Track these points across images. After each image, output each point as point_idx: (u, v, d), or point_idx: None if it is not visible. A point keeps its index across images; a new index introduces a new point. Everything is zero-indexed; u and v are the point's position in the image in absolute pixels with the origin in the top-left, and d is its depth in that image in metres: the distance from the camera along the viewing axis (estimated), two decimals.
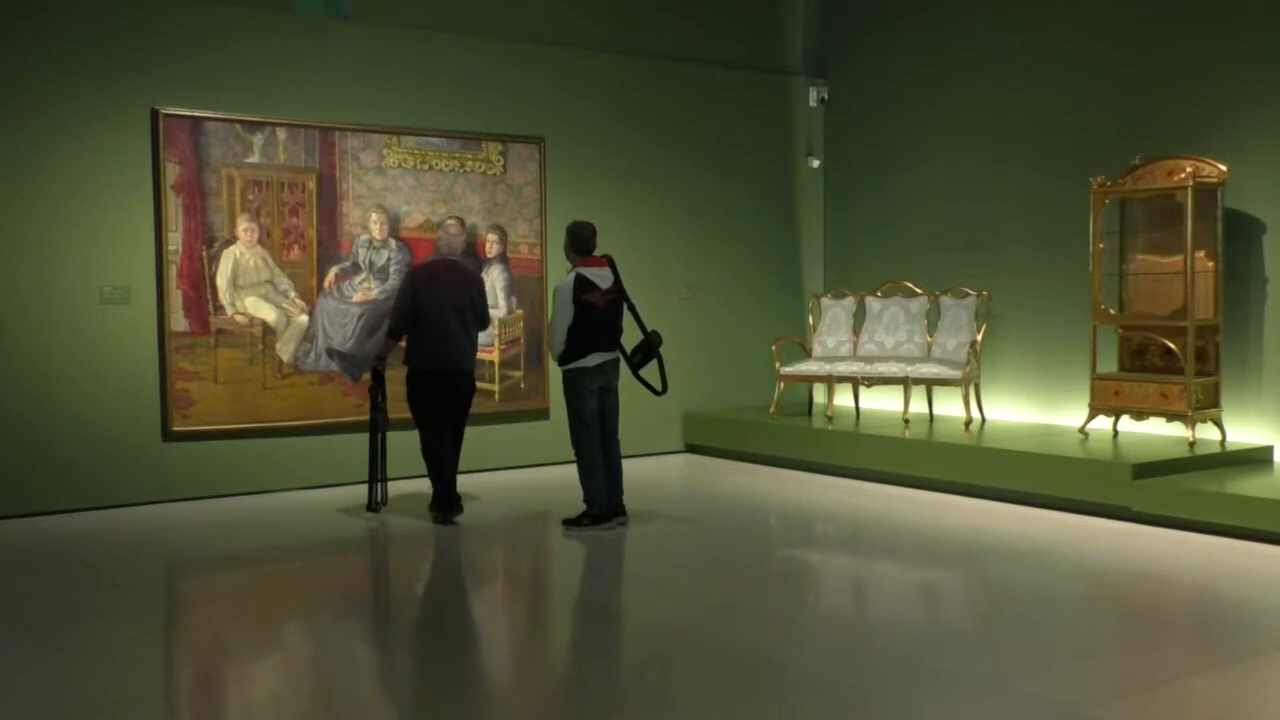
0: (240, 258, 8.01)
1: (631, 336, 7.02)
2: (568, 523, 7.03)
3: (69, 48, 7.50)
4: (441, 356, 7.12)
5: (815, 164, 10.71)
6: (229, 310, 7.97)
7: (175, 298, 7.78)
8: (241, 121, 7.98)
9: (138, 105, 7.68)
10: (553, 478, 8.61)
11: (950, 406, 9.23)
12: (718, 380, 10.17)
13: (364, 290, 8.43)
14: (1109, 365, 8.10)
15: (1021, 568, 6.12)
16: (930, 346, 9.24)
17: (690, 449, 10.02)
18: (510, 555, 6.87)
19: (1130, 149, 7.98)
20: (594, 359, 6.87)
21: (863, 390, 9.55)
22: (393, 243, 8.53)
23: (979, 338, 8.90)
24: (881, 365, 9.09)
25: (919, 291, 9.45)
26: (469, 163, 8.89)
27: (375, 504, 7.42)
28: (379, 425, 7.36)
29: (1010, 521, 7.15)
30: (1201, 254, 7.59)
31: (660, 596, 5.75)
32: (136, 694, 4.39)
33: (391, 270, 8.47)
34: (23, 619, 5.31)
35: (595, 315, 6.82)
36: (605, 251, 7.08)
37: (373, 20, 8.60)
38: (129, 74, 7.67)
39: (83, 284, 7.58)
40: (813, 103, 10.65)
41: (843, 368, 9.22)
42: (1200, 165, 7.58)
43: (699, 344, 9.98)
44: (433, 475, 7.25)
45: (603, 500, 6.97)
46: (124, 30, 7.68)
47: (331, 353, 8.36)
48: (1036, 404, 9.01)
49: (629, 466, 7.52)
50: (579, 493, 7.02)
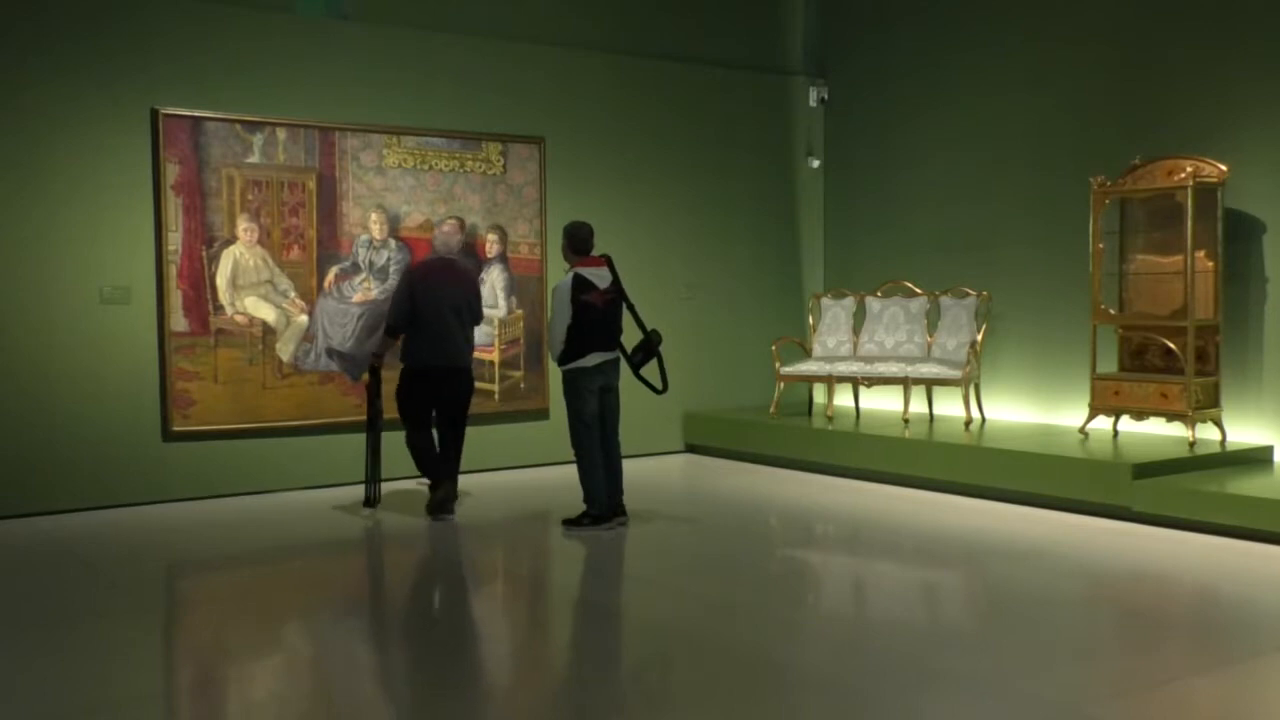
0: (240, 258, 8.01)
1: (631, 336, 7.02)
2: (568, 523, 7.03)
3: (69, 48, 7.50)
4: (438, 354, 7.21)
5: (815, 164, 10.70)
6: (229, 310, 7.97)
7: (175, 298, 7.79)
8: (241, 121, 7.98)
9: (138, 105, 7.68)
10: (553, 478, 8.61)
11: (950, 406, 9.23)
12: (718, 380, 10.17)
13: (364, 290, 8.43)
14: (1109, 365, 8.10)
15: (1021, 568, 6.12)
16: (930, 346, 9.24)
17: (690, 449, 10.03)
18: (510, 555, 6.87)
19: (1130, 149, 7.98)
20: (593, 359, 6.87)
21: (863, 390, 9.55)
22: (393, 243, 8.53)
23: (979, 338, 8.90)
24: (881, 365, 9.09)
25: (919, 291, 9.45)
26: (469, 163, 8.89)
27: (372, 501, 7.49)
28: (376, 424, 7.43)
29: (1010, 521, 7.15)
30: (1201, 254, 7.59)
31: (660, 596, 5.76)
32: (136, 694, 4.39)
33: (391, 270, 8.47)
34: (23, 619, 5.31)
35: (594, 315, 6.82)
36: (605, 251, 7.09)
37: (373, 20, 8.60)
38: (129, 74, 7.67)
39: (83, 284, 7.58)
40: (813, 103, 10.65)
41: (843, 368, 9.22)
42: (1200, 165, 7.58)
43: (699, 344, 9.98)
44: (424, 470, 7.37)
45: (603, 500, 6.97)
46: (124, 30, 7.68)
47: (331, 353, 8.36)
48: (1036, 404, 9.01)
49: (629, 467, 7.52)
50: (579, 493, 7.02)
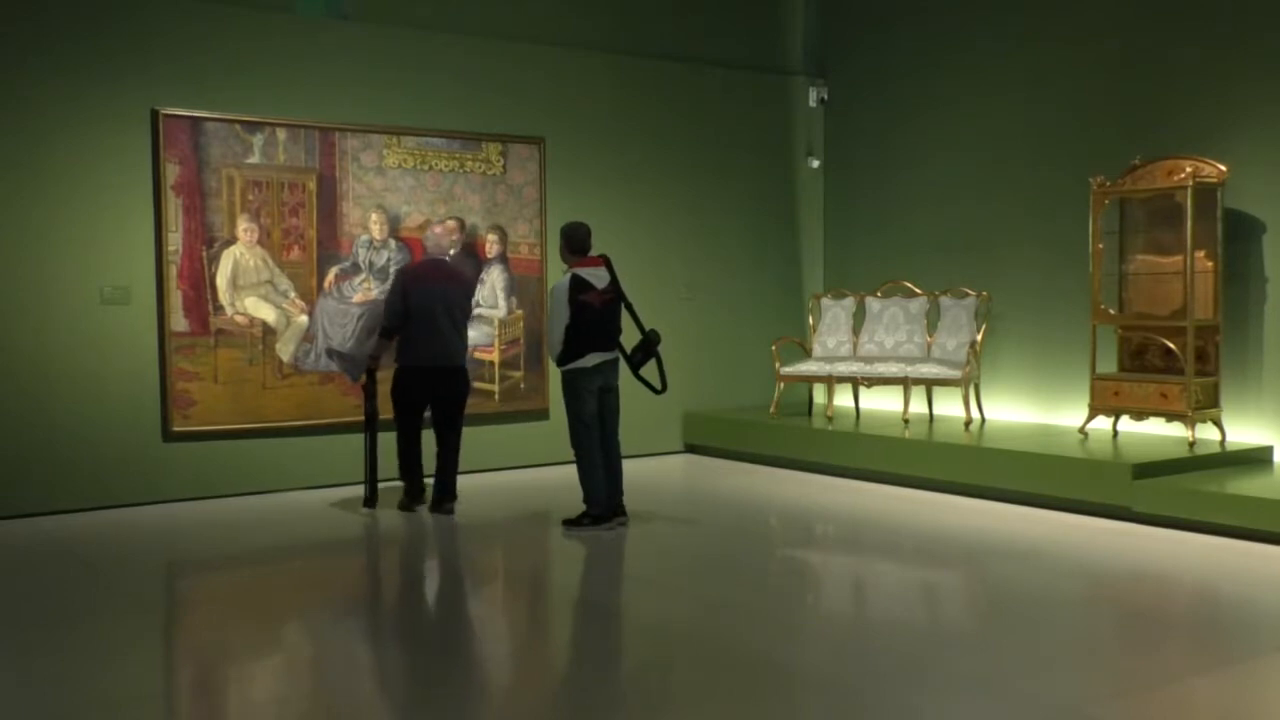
0: (240, 258, 8.01)
1: (630, 337, 7.01)
2: (568, 523, 7.03)
3: (69, 48, 7.50)
4: (433, 354, 7.32)
5: (815, 164, 10.70)
6: (229, 310, 7.97)
7: (175, 298, 7.79)
8: (241, 122, 7.98)
9: (138, 105, 7.68)
10: (553, 478, 8.61)
11: (950, 406, 9.23)
12: (718, 380, 10.17)
13: (364, 290, 8.43)
14: (1109, 365, 8.10)
15: (1021, 568, 6.12)
16: (930, 346, 9.24)
17: (690, 449, 10.03)
18: (510, 555, 6.87)
19: (1130, 149, 7.98)
20: (592, 359, 6.86)
21: (862, 390, 9.55)
22: (393, 243, 8.53)
23: (979, 338, 8.90)
24: (881, 365, 9.09)
25: (919, 292, 9.45)
26: (469, 163, 8.89)
27: (372, 501, 7.53)
28: (373, 424, 7.49)
29: (1010, 521, 7.15)
30: (1201, 254, 7.59)
31: (660, 596, 5.76)
32: (136, 694, 4.39)
33: (391, 271, 8.47)
34: (23, 619, 5.31)
35: (592, 316, 6.81)
36: (605, 252, 7.09)
37: (373, 20, 8.60)
38: (129, 74, 7.67)
39: (83, 284, 7.58)
40: (813, 103, 10.65)
41: (843, 368, 9.22)
42: (1200, 165, 7.58)
43: (699, 344, 9.98)
44: (403, 466, 7.58)
45: (603, 500, 6.97)
46: (124, 30, 7.68)
47: (331, 353, 8.35)
48: (1036, 404, 9.01)
49: (629, 467, 7.52)
50: (579, 493, 7.02)
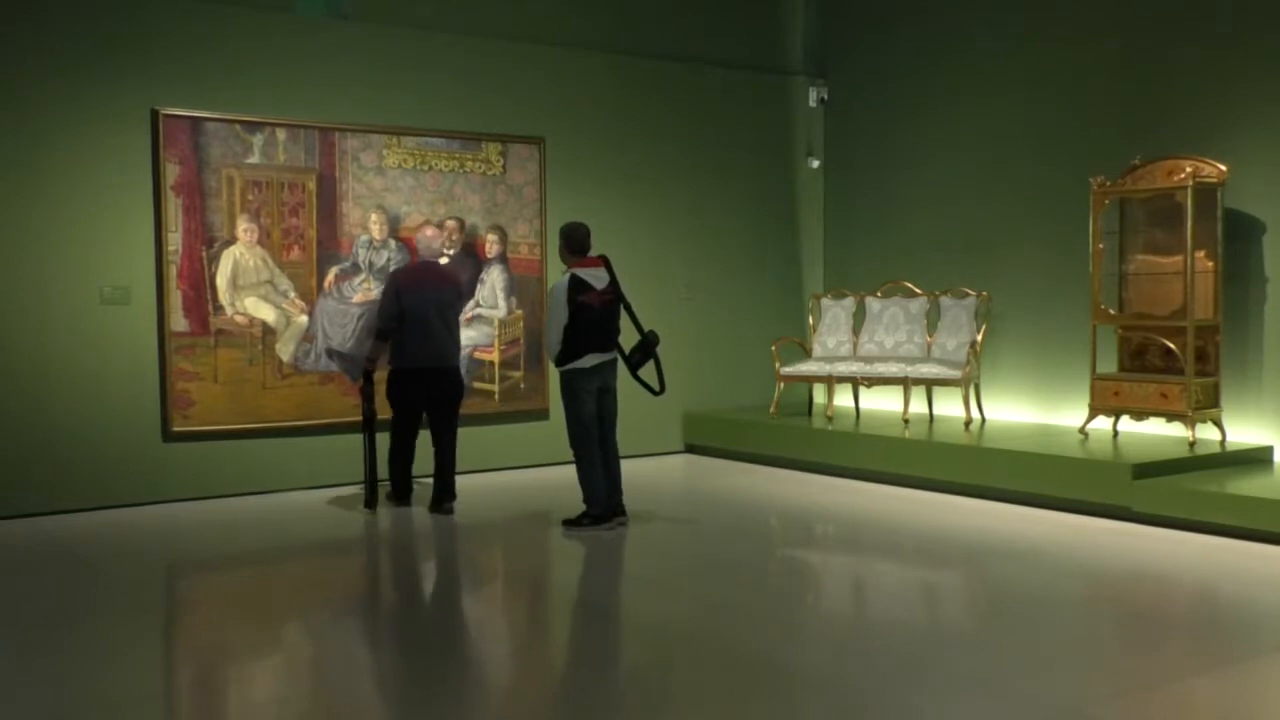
0: (240, 258, 8.01)
1: (630, 337, 7.01)
2: (567, 523, 7.03)
3: (69, 48, 7.50)
4: (427, 355, 7.38)
5: (815, 164, 10.70)
6: (229, 310, 7.97)
7: (175, 298, 7.78)
8: (241, 122, 7.98)
9: (138, 105, 7.68)
10: (552, 478, 8.61)
11: (950, 407, 9.23)
12: (718, 380, 10.17)
13: (364, 290, 8.42)
14: (1109, 365, 8.10)
15: (1021, 568, 6.12)
16: (930, 347, 9.24)
17: (690, 449, 10.02)
18: (510, 555, 6.87)
19: (1130, 149, 7.98)
20: (590, 360, 6.86)
21: (862, 390, 9.55)
22: (392, 243, 8.53)
23: (979, 338, 8.90)
24: (881, 365, 9.09)
25: (919, 292, 9.45)
26: (469, 163, 8.89)
27: (372, 502, 7.53)
28: (372, 425, 7.51)
29: (1010, 521, 7.15)
30: (1201, 254, 7.59)
31: (660, 597, 5.76)
32: (136, 694, 4.39)
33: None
34: (23, 619, 5.31)
35: (591, 316, 6.80)
36: (605, 252, 7.08)
37: (373, 20, 8.60)
38: (129, 74, 7.67)
39: (83, 284, 7.58)
40: (813, 103, 10.65)
41: (843, 368, 9.22)
42: (1200, 165, 7.58)
43: (699, 344, 9.98)
44: (394, 466, 7.66)
45: (602, 500, 6.97)
46: (124, 30, 7.68)
47: (331, 353, 8.36)
48: (1036, 404, 9.01)
49: (628, 466, 7.53)
50: (579, 493, 7.02)
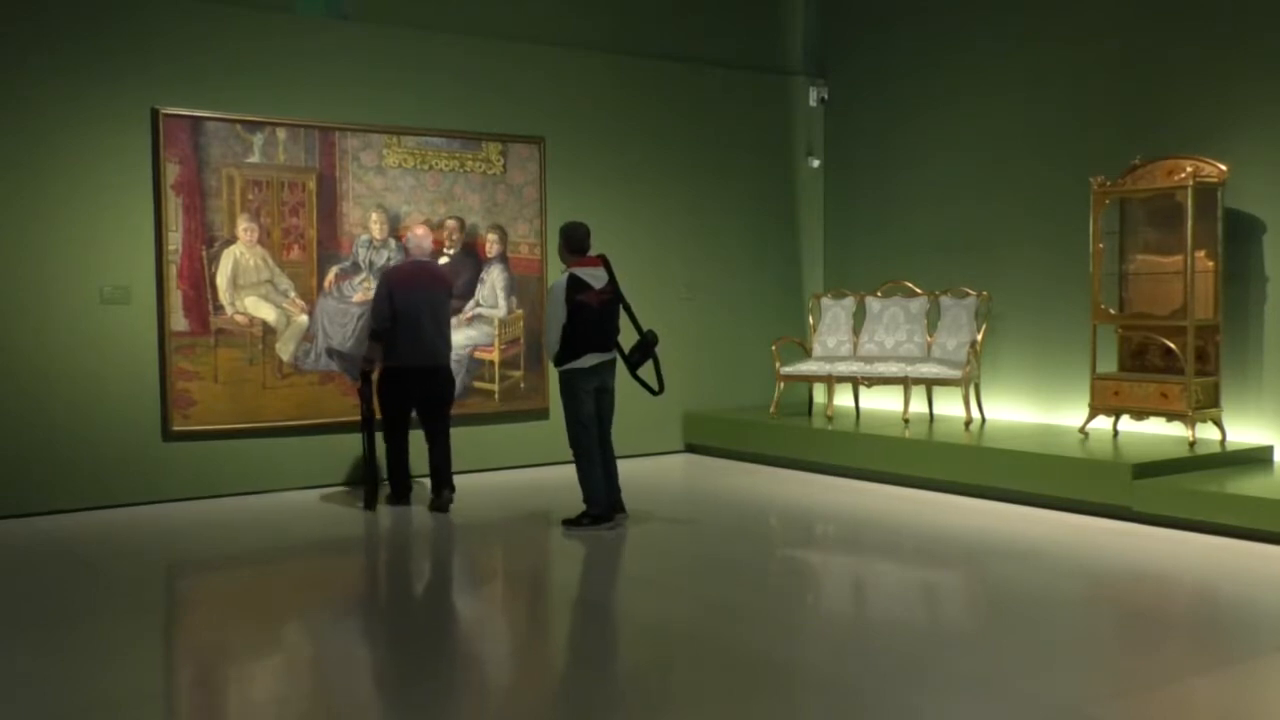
0: (240, 257, 8.00)
1: (629, 337, 7.01)
2: (567, 523, 7.03)
3: (69, 48, 7.50)
4: (418, 354, 7.46)
5: (815, 164, 10.71)
6: (229, 310, 7.97)
7: (175, 298, 7.78)
8: (241, 121, 7.98)
9: (138, 105, 7.68)
10: (552, 478, 8.61)
11: (950, 406, 9.23)
12: (718, 380, 10.17)
13: (364, 290, 8.42)
14: (1109, 365, 8.10)
15: (1021, 568, 6.12)
16: (930, 346, 9.24)
17: (690, 449, 10.02)
18: (510, 555, 6.87)
19: (1130, 149, 7.98)
20: (589, 360, 6.85)
21: (862, 390, 9.55)
22: (393, 242, 8.53)
23: (979, 337, 8.90)
24: (881, 365, 9.09)
25: (919, 291, 9.44)
26: (469, 163, 8.89)
27: (371, 502, 7.54)
28: (371, 426, 7.53)
29: (1010, 521, 7.15)
30: (1201, 254, 7.59)
31: (660, 596, 5.75)
32: (136, 694, 4.39)
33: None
34: (23, 619, 5.30)
35: (589, 316, 6.80)
36: (605, 252, 7.08)
37: (373, 20, 8.60)
38: (129, 74, 7.67)
39: (83, 284, 7.58)
40: (813, 103, 10.65)
41: (843, 368, 9.22)
42: (1200, 165, 7.58)
43: (699, 344, 9.98)
44: (390, 468, 7.71)
45: (602, 500, 6.97)
46: (124, 30, 7.68)
47: (331, 352, 8.36)
48: (1036, 404, 9.01)
49: (628, 466, 7.54)
50: (579, 493, 7.02)
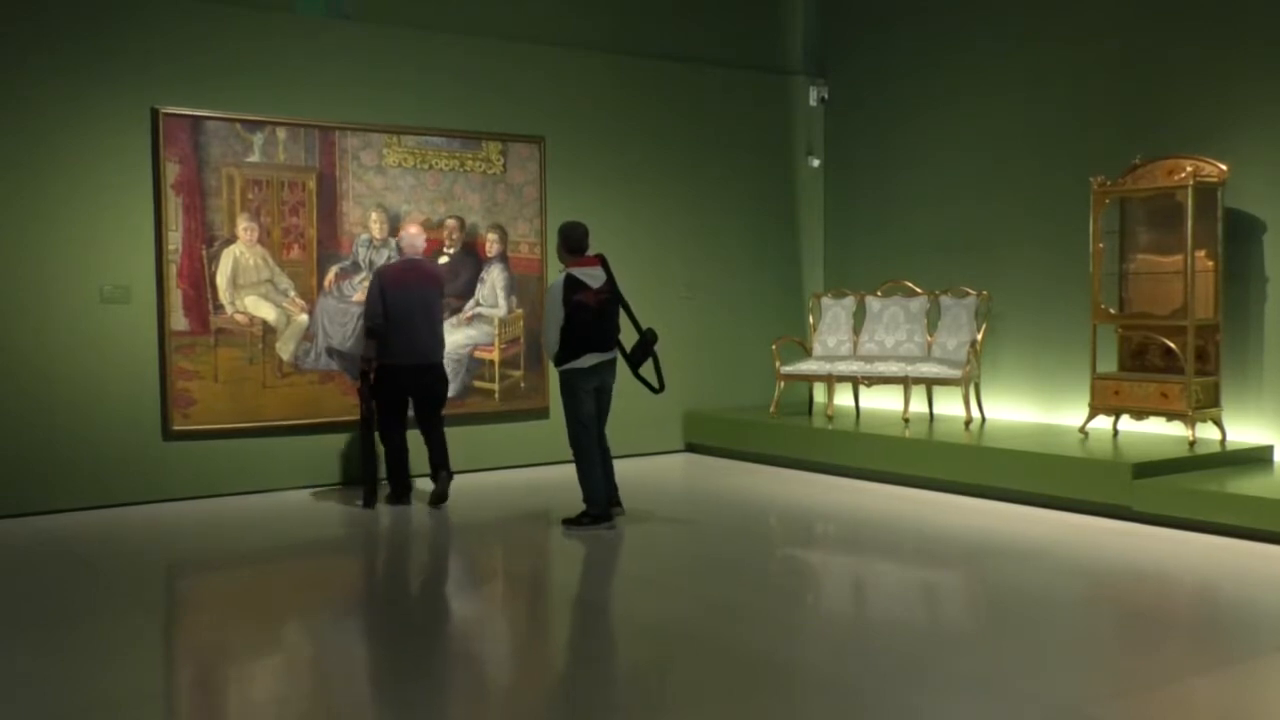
0: (240, 257, 8.00)
1: (630, 337, 7.01)
2: (567, 522, 7.03)
3: (69, 48, 7.50)
4: (410, 352, 7.50)
5: (815, 163, 10.70)
6: (229, 309, 7.97)
7: (175, 297, 7.78)
8: (241, 121, 7.98)
9: (138, 105, 7.68)
10: (552, 477, 8.61)
11: (950, 406, 9.23)
12: (718, 380, 10.17)
13: (364, 289, 8.39)
14: (1109, 365, 8.10)
15: (1022, 568, 6.12)
16: (930, 346, 9.24)
17: (690, 448, 10.02)
18: (510, 554, 6.87)
19: (1130, 149, 7.98)
20: (589, 360, 6.85)
21: (863, 390, 9.55)
22: (393, 242, 8.52)
23: (979, 337, 8.90)
24: (881, 365, 9.08)
25: (919, 291, 9.44)
26: (469, 162, 8.89)
27: (371, 501, 7.55)
28: (370, 424, 7.54)
29: (1010, 521, 7.15)
30: (1202, 253, 7.59)
31: (660, 596, 5.75)
32: (136, 694, 4.39)
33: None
34: (23, 619, 5.30)
35: (587, 315, 6.79)
36: (606, 252, 7.09)
37: (373, 20, 8.60)
38: (129, 73, 7.67)
39: (83, 284, 7.58)
40: (813, 102, 10.65)
41: (843, 367, 9.22)
42: (1200, 165, 7.58)
43: (699, 344, 9.98)
44: (389, 466, 7.73)
45: (602, 499, 6.97)
46: (124, 30, 7.68)
47: (331, 352, 8.36)
48: (1036, 403, 9.01)
49: (629, 466, 7.55)
50: (578, 492, 7.02)
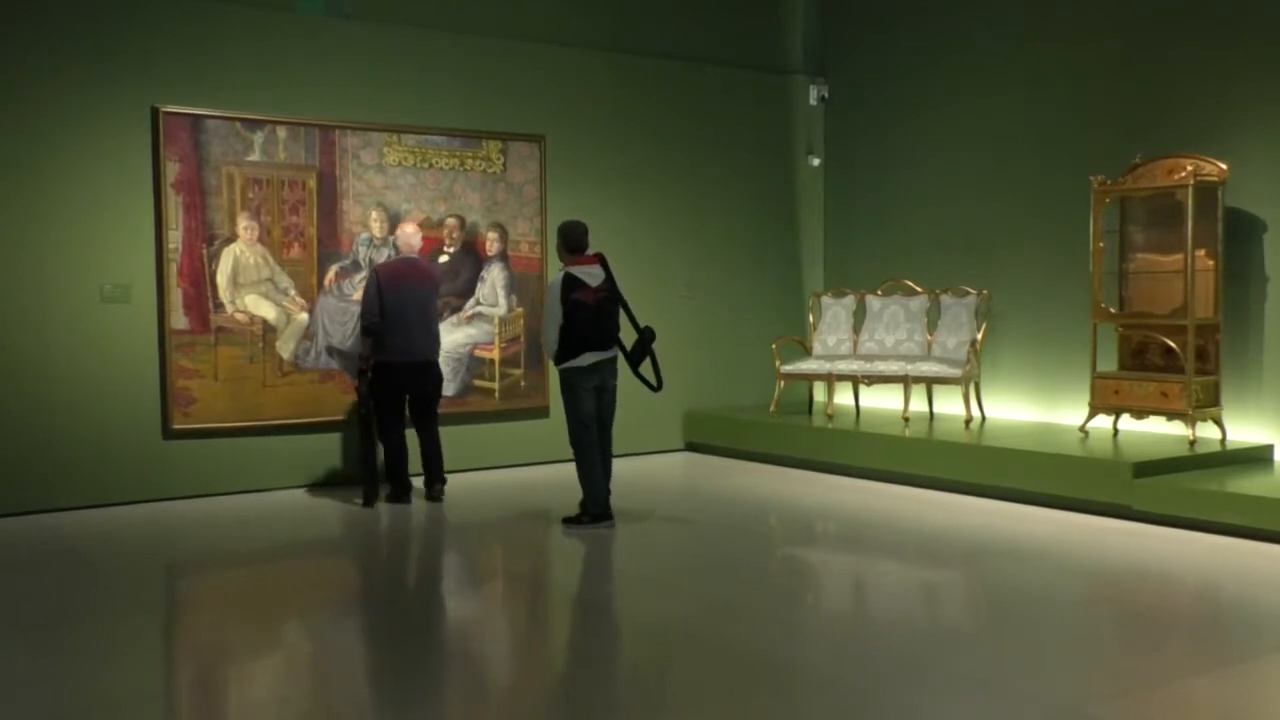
0: (240, 256, 8.00)
1: (630, 336, 7.01)
2: (567, 521, 7.03)
3: (69, 47, 7.50)
4: (407, 349, 7.53)
5: (815, 163, 10.70)
6: (229, 308, 7.97)
7: (175, 296, 7.78)
8: (242, 119, 7.97)
9: (138, 103, 7.68)
10: (552, 476, 8.61)
11: (950, 405, 9.23)
12: (718, 379, 10.17)
13: (364, 288, 8.41)
14: (1109, 364, 8.10)
15: (1022, 567, 6.12)
16: (930, 345, 9.24)
17: (690, 447, 10.02)
18: (509, 554, 6.87)
19: (1131, 148, 7.98)
20: (588, 358, 6.85)
21: (863, 389, 9.55)
22: (393, 240, 8.52)
23: (979, 336, 8.90)
24: (882, 364, 9.08)
25: (919, 290, 9.44)
26: (469, 161, 8.88)
27: (370, 500, 7.57)
28: (370, 423, 7.56)
29: (1010, 520, 7.15)
30: (1202, 253, 7.59)
31: (660, 596, 5.75)
32: (136, 694, 4.39)
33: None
34: (23, 618, 5.30)
35: (586, 314, 6.79)
36: (605, 251, 7.09)
37: (373, 19, 8.60)
38: (129, 72, 7.67)
39: (83, 283, 7.58)
40: (813, 101, 10.65)
41: (843, 366, 9.22)
42: (1201, 164, 7.58)
43: (699, 343, 9.98)
44: (389, 465, 7.72)
45: (603, 498, 6.97)
46: (125, 29, 7.67)
47: (331, 351, 8.36)
48: (1036, 402, 9.01)
49: (628, 464, 7.54)
50: (578, 491, 7.02)
